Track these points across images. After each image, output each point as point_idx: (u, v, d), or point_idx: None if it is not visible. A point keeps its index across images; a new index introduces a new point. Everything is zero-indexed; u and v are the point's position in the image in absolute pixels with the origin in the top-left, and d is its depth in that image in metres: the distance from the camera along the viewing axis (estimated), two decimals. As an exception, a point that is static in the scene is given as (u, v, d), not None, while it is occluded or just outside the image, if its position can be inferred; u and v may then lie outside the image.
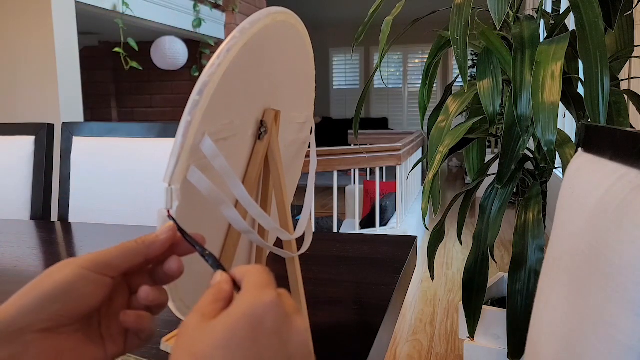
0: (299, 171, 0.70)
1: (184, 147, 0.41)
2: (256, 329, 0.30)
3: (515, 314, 1.36)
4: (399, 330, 2.40)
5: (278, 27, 0.50)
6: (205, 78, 0.42)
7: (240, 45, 0.44)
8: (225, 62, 0.43)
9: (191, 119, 0.41)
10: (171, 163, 0.41)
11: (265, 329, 0.30)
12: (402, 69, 8.75)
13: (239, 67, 0.45)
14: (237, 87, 0.46)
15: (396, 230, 3.34)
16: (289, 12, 0.51)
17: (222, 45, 0.44)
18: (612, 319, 0.43)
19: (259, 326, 0.30)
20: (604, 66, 1.16)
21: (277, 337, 0.30)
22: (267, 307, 0.30)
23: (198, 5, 3.93)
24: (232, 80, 0.45)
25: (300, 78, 0.60)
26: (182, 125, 0.41)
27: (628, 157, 0.48)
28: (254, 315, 0.30)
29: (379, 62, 1.63)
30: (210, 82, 0.42)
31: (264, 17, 0.47)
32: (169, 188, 0.41)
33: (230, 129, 0.47)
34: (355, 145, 3.21)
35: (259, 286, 0.32)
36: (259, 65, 0.49)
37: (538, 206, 1.37)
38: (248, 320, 0.30)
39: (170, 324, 0.65)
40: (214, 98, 0.43)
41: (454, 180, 6.76)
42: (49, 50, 2.39)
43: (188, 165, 0.42)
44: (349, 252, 0.91)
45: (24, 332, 0.34)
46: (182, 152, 0.41)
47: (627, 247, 0.42)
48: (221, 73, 0.43)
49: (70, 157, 1.43)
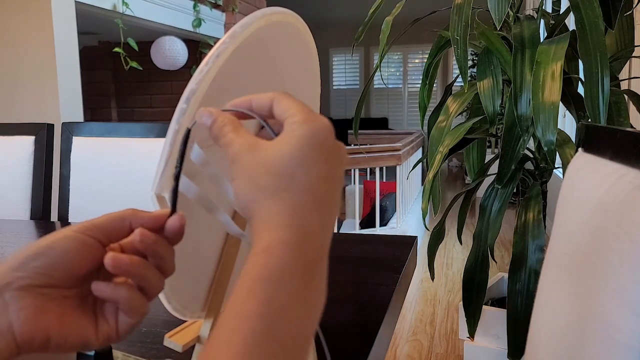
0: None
1: (172, 155, 0.40)
2: (322, 147, 0.33)
3: (515, 314, 1.36)
4: (399, 330, 2.40)
5: (275, 28, 0.48)
6: (192, 86, 0.41)
7: (231, 50, 0.43)
8: (214, 69, 0.42)
9: (178, 128, 0.40)
10: (158, 171, 0.41)
11: (329, 147, 0.34)
12: (402, 69, 8.75)
13: (229, 73, 0.44)
14: (229, 92, 0.45)
15: (396, 230, 3.34)
16: (286, 11, 0.50)
17: (212, 51, 0.43)
18: (612, 319, 0.43)
19: (324, 145, 0.33)
20: (604, 66, 1.16)
21: (337, 155, 0.34)
22: (326, 129, 0.34)
23: (198, 5, 3.93)
24: (221, 87, 0.44)
25: (303, 76, 0.60)
26: (169, 134, 0.41)
27: (628, 157, 0.48)
28: (318, 136, 0.33)
29: (379, 62, 1.63)
30: (197, 90, 0.41)
31: (257, 19, 0.45)
32: (158, 196, 0.40)
33: None
34: (355, 145, 3.21)
35: (311, 111, 0.35)
36: (252, 69, 0.48)
37: (538, 206, 1.37)
38: (315, 141, 0.33)
39: (170, 324, 0.65)
40: (203, 105, 0.42)
41: (454, 180, 6.76)
42: (49, 50, 2.39)
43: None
44: (349, 252, 0.91)
45: (3, 291, 0.34)
46: (169, 161, 0.40)
47: (627, 247, 0.42)
48: (209, 80, 0.42)
49: (70, 157, 1.43)
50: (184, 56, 3.88)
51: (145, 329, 0.63)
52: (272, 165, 0.32)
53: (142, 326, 0.64)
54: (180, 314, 0.48)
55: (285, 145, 0.33)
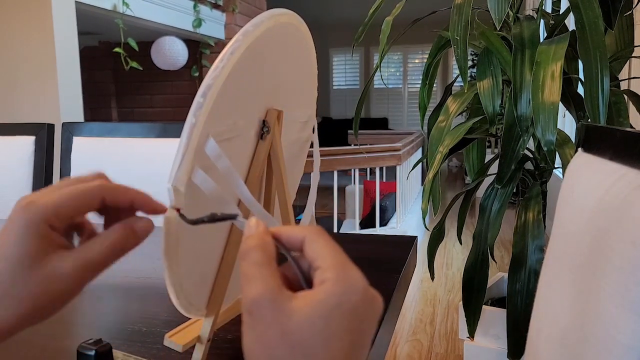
0: (301, 171, 0.70)
1: (188, 148, 0.41)
2: (352, 315, 0.29)
3: (515, 314, 1.36)
4: (399, 330, 2.40)
5: (281, 29, 0.50)
6: (209, 81, 0.42)
7: (244, 48, 0.44)
8: (229, 65, 0.43)
9: (195, 121, 0.42)
10: (175, 164, 0.41)
11: (359, 314, 0.29)
12: (402, 69, 8.75)
13: (242, 69, 0.46)
14: (241, 89, 0.47)
15: (396, 230, 3.34)
16: (291, 13, 0.51)
17: (226, 48, 0.44)
18: (612, 319, 0.43)
19: (355, 312, 0.29)
20: (604, 66, 1.16)
21: (368, 321, 0.30)
22: (359, 291, 0.30)
23: (198, 5, 3.93)
24: (235, 82, 0.45)
25: (302, 78, 0.60)
26: (186, 127, 0.42)
27: (628, 157, 0.48)
28: (349, 303, 0.29)
29: (379, 62, 1.63)
30: (214, 85, 0.42)
31: (267, 19, 0.47)
32: (175, 188, 0.41)
33: (234, 130, 0.48)
34: (355, 145, 3.21)
35: (344, 267, 0.31)
36: (261, 67, 0.49)
37: (538, 206, 1.37)
38: (344, 311, 0.29)
39: (170, 324, 0.65)
40: (218, 100, 0.43)
41: (454, 180, 6.76)
42: (49, 50, 2.39)
43: (192, 166, 0.42)
44: (349, 252, 0.91)
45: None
46: (187, 154, 0.41)
47: (627, 247, 0.42)
48: (225, 76, 0.43)
49: (70, 157, 1.43)
50: (184, 56, 3.88)
51: (145, 329, 0.63)
52: (290, 333, 0.28)
53: (142, 326, 0.64)
54: (186, 310, 0.49)
55: (309, 312, 0.29)
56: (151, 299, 0.74)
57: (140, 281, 0.80)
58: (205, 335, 0.51)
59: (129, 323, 0.65)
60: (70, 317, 0.68)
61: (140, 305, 0.72)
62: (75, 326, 0.67)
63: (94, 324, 0.67)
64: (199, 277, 0.49)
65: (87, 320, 0.68)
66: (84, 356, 0.48)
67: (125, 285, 0.78)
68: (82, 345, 0.49)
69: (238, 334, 0.62)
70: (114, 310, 0.71)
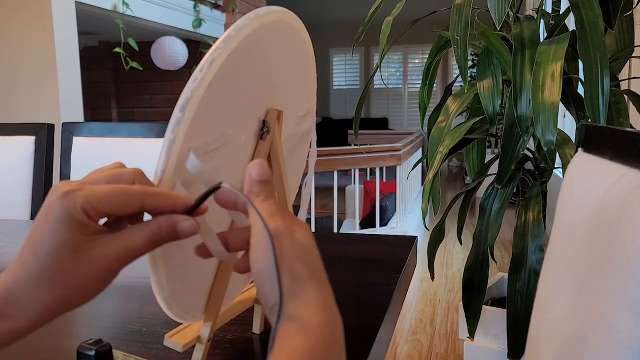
0: (301, 170, 0.69)
1: (168, 165, 0.40)
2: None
3: (515, 314, 1.36)
4: (399, 330, 2.40)
5: (269, 28, 0.48)
6: (187, 94, 0.40)
7: (225, 56, 0.42)
8: (209, 76, 0.41)
9: (174, 137, 0.40)
10: (155, 180, 0.40)
11: (286, 250, 0.36)
12: (402, 69, 8.75)
13: (227, 76, 0.43)
14: (226, 96, 0.44)
15: (396, 230, 3.34)
16: (280, 10, 0.49)
17: (205, 57, 0.41)
18: (612, 319, 0.43)
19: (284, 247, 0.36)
20: (604, 66, 1.16)
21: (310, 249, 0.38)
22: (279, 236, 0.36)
23: (198, 5, 3.93)
24: (219, 92, 0.43)
25: (299, 72, 0.59)
26: (165, 143, 0.40)
27: (628, 157, 0.48)
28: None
29: (379, 62, 1.63)
30: (192, 98, 0.40)
31: (251, 21, 0.44)
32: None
33: (221, 139, 0.45)
34: (355, 145, 3.21)
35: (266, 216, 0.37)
36: (250, 69, 0.47)
37: (538, 206, 1.37)
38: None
39: (170, 324, 0.65)
40: (198, 113, 0.41)
41: (454, 180, 6.76)
42: (49, 50, 2.39)
43: (173, 182, 0.41)
44: (349, 252, 0.91)
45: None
46: (166, 170, 0.40)
47: (627, 247, 0.42)
48: (204, 88, 0.41)
49: (70, 157, 1.43)
50: (184, 56, 3.88)
51: (145, 329, 0.63)
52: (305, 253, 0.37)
53: (142, 326, 0.64)
54: (181, 319, 0.48)
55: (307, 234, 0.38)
56: (151, 299, 0.74)
57: (140, 281, 0.80)
58: (205, 336, 0.51)
59: (128, 323, 0.65)
60: (70, 317, 0.68)
61: (140, 305, 0.72)
62: (75, 326, 0.67)
63: (94, 324, 0.67)
64: (193, 285, 0.49)
65: (87, 320, 0.68)
66: (84, 356, 0.48)
67: (125, 285, 0.78)
68: (82, 345, 0.49)
69: (238, 334, 0.62)
70: (114, 310, 0.71)
